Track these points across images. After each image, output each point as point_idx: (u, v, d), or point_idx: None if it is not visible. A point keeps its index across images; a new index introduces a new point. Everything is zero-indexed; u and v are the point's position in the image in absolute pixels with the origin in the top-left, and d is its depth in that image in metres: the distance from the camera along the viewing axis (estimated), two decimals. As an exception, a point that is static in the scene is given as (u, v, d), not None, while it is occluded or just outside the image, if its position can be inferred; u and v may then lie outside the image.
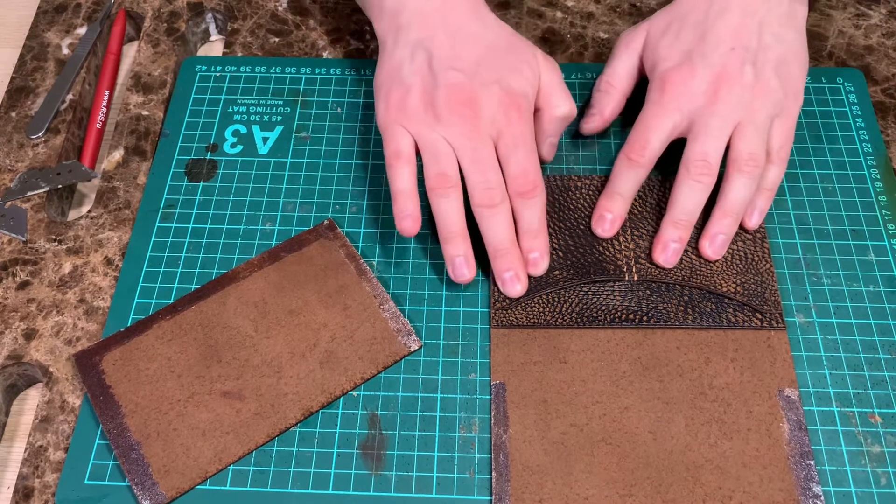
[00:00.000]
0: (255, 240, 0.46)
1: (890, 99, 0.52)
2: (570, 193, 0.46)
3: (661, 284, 0.43)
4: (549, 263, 0.43)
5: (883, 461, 0.39)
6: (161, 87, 0.53)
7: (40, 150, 0.50)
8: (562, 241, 0.44)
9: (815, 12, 0.56)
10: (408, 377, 0.42)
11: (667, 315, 0.42)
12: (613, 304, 0.42)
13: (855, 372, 0.42)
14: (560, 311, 0.42)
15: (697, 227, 0.44)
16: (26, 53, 0.55)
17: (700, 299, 0.43)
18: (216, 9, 0.57)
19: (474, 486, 0.39)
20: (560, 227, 0.45)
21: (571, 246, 0.44)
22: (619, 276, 0.43)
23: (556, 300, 0.42)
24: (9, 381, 0.43)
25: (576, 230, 0.44)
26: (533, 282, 0.43)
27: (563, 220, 0.45)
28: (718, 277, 0.43)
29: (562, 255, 0.44)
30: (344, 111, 0.52)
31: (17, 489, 0.39)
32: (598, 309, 0.42)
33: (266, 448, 0.40)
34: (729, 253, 0.44)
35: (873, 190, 0.48)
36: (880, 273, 0.45)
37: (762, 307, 0.42)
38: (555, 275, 0.43)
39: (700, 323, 0.42)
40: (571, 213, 0.45)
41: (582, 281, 0.43)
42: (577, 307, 0.42)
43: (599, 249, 0.44)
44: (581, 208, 0.45)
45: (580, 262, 0.43)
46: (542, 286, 0.43)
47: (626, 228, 0.45)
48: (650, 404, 0.40)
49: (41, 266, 0.46)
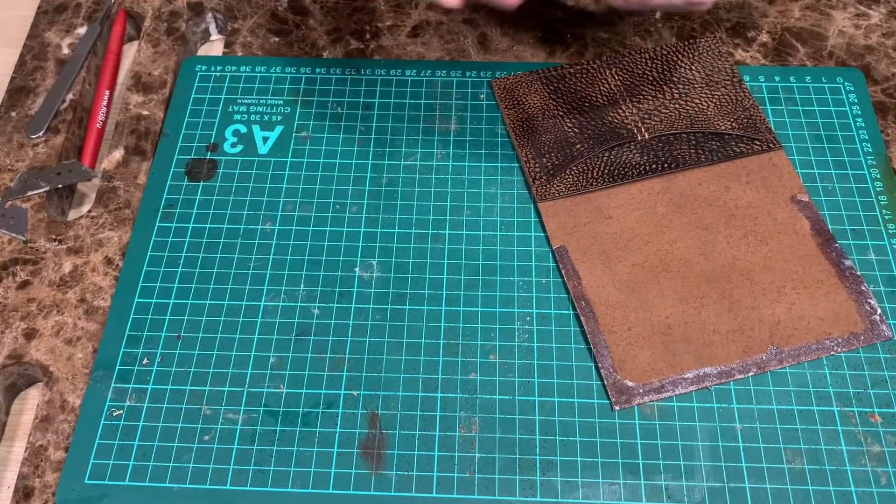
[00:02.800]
0: (255, 240, 0.46)
1: (890, 99, 0.52)
2: (567, 80, 0.52)
3: (669, 136, 0.49)
4: (572, 139, 0.48)
5: (883, 461, 0.39)
6: (161, 86, 0.53)
7: (40, 150, 0.50)
8: (574, 121, 0.50)
9: (816, 12, 0.56)
10: (408, 377, 0.42)
11: (682, 159, 0.48)
12: (634, 161, 0.48)
13: (855, 372, 0.42)
14: (592, 176, 0.48)
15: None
16: (26, 53, 0.55)
17: (705, 140, 0.49)
18: (216, 9, 0.57)
19: (474, 486, 0.39)
20: (569, 109, 0.50)
21: (584, 123, 0.50)
22: (632, 137, 0.49)
23: (586, 169, 0.48)
24: (9, 380, 0.43)
25: (583, 109, 0.50)
26: (563, 159, 0.48)
27: (568, 103, 0.51)
28: (715, 120, 0.49)
29: (578, 132, 0.49)
30: (344, 111, 0.52)
31: (18, 489, 0.39)
32: (624, 167, 0.48)
33: (266, 447, 0.40)
34: (716, 100, 0.50)
35: (873, 190, 0.48)
36: (880, 273, 0.45)
37: (757, 135, 0.49)
38: (578, 148, 0.48)
39: (711, 159, 0.48)
40: (574, 95, 0.51)
41: (602, 148, 0.48)
42: (606, 170, 0.48)
43: (609, 119, 0.50)
44: (580, 90, 0.51)
45: (596, 133, 0.49)
46: (570, 160, 0.48)
47: (626, 98, 0.50)
48: (692, 233, 0.45)
49: (41, 266, 0.46)
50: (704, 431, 0.40)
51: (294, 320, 0.44)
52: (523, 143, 0.49)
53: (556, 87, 0.51)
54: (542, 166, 0.48)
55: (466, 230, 0.47)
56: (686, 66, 0.52)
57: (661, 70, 0.52)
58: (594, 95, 0.51)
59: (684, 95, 0.50)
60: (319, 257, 0.46)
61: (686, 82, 0.51)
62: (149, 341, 0.43)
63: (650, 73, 0.52)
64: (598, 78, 0.51)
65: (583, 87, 0.51)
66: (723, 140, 0.49)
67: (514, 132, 0.49)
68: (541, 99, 0.50)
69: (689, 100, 0.50)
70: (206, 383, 0.42)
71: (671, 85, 0.51)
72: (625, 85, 0.51)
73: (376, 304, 0.44)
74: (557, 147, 0.48)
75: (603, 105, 0.50)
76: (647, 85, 0.51)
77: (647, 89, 0.51)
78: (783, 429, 0.40)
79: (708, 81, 0.51)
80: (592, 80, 0.51)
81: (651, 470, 0.39)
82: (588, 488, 0.39)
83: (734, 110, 0.50)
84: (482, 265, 0.45)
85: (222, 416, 0.41)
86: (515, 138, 0.49)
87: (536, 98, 0.51)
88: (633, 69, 0.52)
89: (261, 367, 0.42)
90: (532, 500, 0.39)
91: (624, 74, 0.52)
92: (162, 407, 0.41)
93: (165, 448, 0.40)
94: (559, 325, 0.43)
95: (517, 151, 0.49)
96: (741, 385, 0.41)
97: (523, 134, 0.49)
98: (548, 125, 0.49)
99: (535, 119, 0.50)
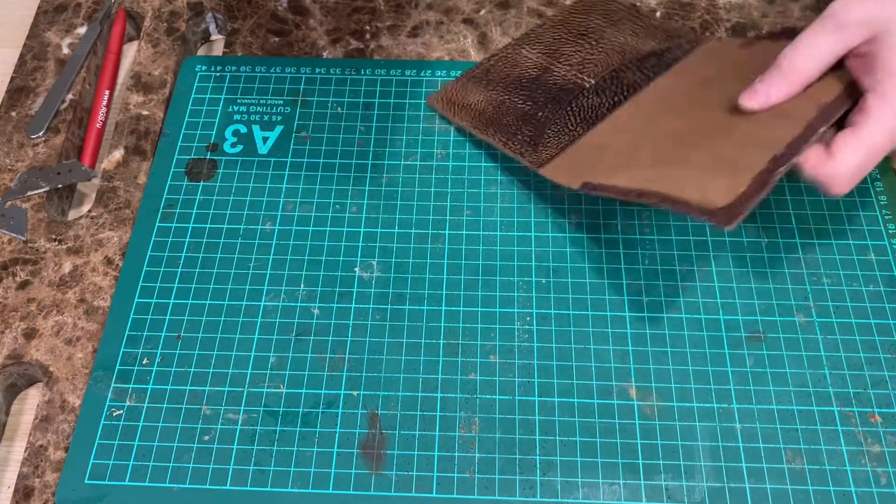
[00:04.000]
0: (255, 240, 0.46)
1: (890, 99, 0.51)
2: (493, 71, 0.53)
3: (611, 73, 0.51)
4: (532, 111, 0.50)
5: (883, 461, 0.39)
6: (161, 86, 0.53)
7: (40, 150, 0.50)
8: (523, 96, 0.51)
9: (816, 12, 0.56)
10: (408, 377, 0.42)
11: (635, 83, 0.49)
12: (596, 102, 0.49)
13: (855, 372, 0.42)
14: (568, 129, 0.48)
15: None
16: (26, 53, 0.55)
17: (642, 63, 0.51)
18: (216, 9, 0.57)
19: (474, 486, 0.39)
20: (512, 90, 0.51)
21: (533, 94, 0.51)
22: (581, 87, 0.51)
23: (559, 128, 0.48)
24: (9, 380, 0.43)
25: (524, 85, 0.52)
26: (535, 129, 0.49)
27: (507, 87, 0.51)
28: (639, 46, 0.52)
29: (532, 103, 0.50)
30: (344, 111, 0.52)
31: (18, 489, 0.39)
32: (590, 111, 0.49)
33: (266, 447, 0.40)
34: (628, 32, 0.53)
35: (873, 190, 0.48)
36: (880, 273, 0.45)
37: (683, 38, 0.52)
38: (541, 116, 0.49)
39: (660, 71, 0.50)
40: (508, 79, 0.52)
41: (563, 106, 0.50)
42: (576, 120, 0.48)
43: (552, 83, 0.51)
44: (510, 73, 0.52)
45: (549, 97, 0.50)
46: (542, 126, 0.49)
47: (553, 62, 0.52)
48: (693, 114, 0.45)
49: (41, 266, 0.46)
50: (704, 431, 0.40)
51: (294, 320, 0.44)
52: (491, 133, 0.49)
53: (488, 80, 0.52)
54: (521, 142, 0.48)
55: (466, 230, 0.47)
56: (584, 19, 0.55)
57: (566, 32, 0.54)
58: (526, 72, 0.52)
59: (600, 41, 0.53)
60: (319, 257, 0.46)
61: (594, 31, 0.54)
62: (149, 341, 0.43)
63: (559, 37, 0.54)
64: (518, 59, 0.53)
65: (511, 70, 0.53)
66: (658, 56, 0.51)
67: (477, 130, 0.50)
68: (481, 94, 0.51)
69: (605, 42, 0.53)
70: (206, 383, 0.42)
71: (583, 38, 0.53)
72: (544, 54, 0.53)
73: (376, 304, 0.44)
74: (524, 122, 0.49)
75: (539, 75, 0.52)
76: (564, 46, 0.53)
77: (567, 49, 0.53)
78: (783, 429, 0.40)
79: (610, 22, 0.54)
80: (514, 62, 0.53)
81: (651, 470, 0.39)
82: (588, 488, 0.39)
83: (648, 32, 0.53)
84: (482, 265, 0.45)
85: (222, 416, 0.41)
86: (482, 133, 0.49)
87: (476, 96, 0.51)
88: (542, 40, 0.54)
89: (261, 367, 0.42)
90: (532, 501, 0.39)
91: (538, 47, 0.54)
92: (162, 407, 0.41)
93: (165, 448, 0.40)
94: (559, 325, 0.43)
95: (492, 142, 0.49)
96: (741, 385, 0.41)
97: (486, 127, 0.50)
98: (503, 110, 0.50)
99: (487, 112, 0.50)
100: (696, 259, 0.45)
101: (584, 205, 0.47)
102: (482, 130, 0.49)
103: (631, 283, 0.45)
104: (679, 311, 0.44)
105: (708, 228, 0.46)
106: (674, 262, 0.45)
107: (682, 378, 0.42)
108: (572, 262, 0.45)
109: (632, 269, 0.45)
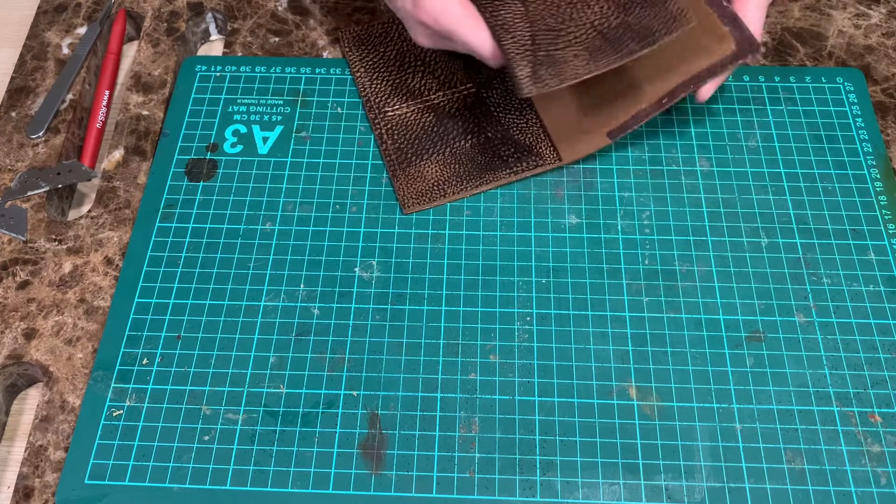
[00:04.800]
0: (255, 240, 0.46)
1: (890, 99, 0.52)
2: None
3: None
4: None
5: (883, 461, 0.39)
6: (161, 86, 0.53)
7: (40, 150, 0.50)
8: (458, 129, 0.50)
9: (816, 12, 0.56)
10: (408, 377, 0.42)
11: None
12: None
13: (855, 372, 0.42)
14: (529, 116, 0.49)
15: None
16: (26, 53, 0.55)
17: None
18: (216, 9, 0.57)
19: (474, 486, 0.39)
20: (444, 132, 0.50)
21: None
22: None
23: (525, 120, 0.49)
24: (9, 380, 0.43)
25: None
26: (513, 147, 0.49)
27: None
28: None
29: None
30: (344, 111, 0.52)
31: (18, 489, 0.39)
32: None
33: (266, 448, 0.40)
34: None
35: (873, 190, 0.48)
36: (880, 273, 0.45)
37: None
38: (490, 135, 0.49)
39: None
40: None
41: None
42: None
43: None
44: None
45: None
46: (507, 138, 0.49)
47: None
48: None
49: (41, 266, 0.46)
50: (704, 431, 0.40)
51: (294, 320, 0.44)
52: (488, 180, 0.48)
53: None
54: (517, 160, 0.48)
55: (466, 230, 0.47)
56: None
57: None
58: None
59: None
60: (319, 257, 0.46)
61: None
62: (149, 341, 0.43)
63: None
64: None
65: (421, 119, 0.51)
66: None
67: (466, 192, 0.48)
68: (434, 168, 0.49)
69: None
70: (206, 383, 0.42)
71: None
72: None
73: (376, 304, 0.44)
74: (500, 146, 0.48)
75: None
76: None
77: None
78: (783, 429, 0.40)
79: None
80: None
81: (651, 470, 0.39)
82: (588, 488, 0.39)
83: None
84: (482, 265, 0.45)
85: (222, 416, 0.41)
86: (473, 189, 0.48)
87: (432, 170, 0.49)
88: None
89: (261, 367, 0.42)
90: (532, 501, 0.39)
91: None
92: (162, 407, 0.41)
93: (165, 448, 0.40)
94: (559, 325, 0.43)
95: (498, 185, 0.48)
96: (741, 385, 0.41)
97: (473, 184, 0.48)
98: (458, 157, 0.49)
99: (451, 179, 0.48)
100: (696, 259, 0.45)
101: (584, 205, 0.47)
102: (471, 189, 0.48)
103: (631, 283, 0.45)
104: (679, 311, 0.44)
105: (708, 228, 0.46)
106: (674, 262, 0.45)
107: (682, 378, 0.42)
108: (572, 262, 0.45)
109: (632, 269, 0.45)
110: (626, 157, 0.49)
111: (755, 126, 0.50)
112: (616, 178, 0.48)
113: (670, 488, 0.39)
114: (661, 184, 0.48)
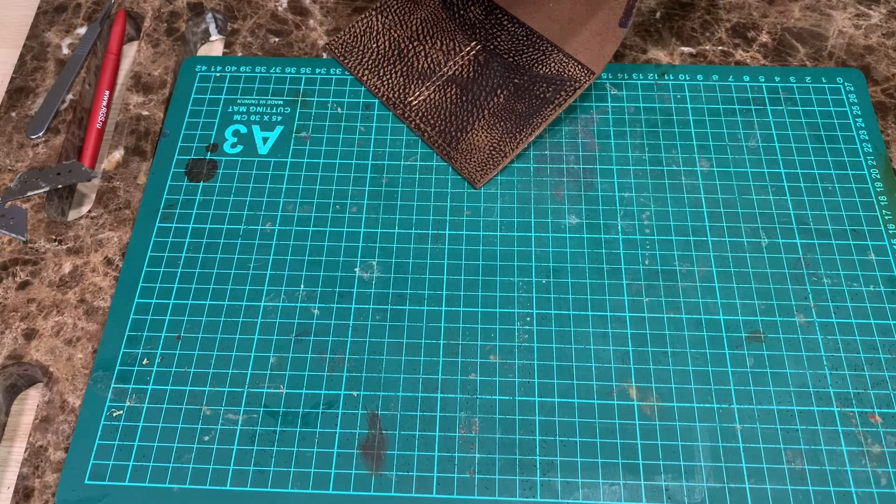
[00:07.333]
0: (255, 240, 0.46)
1: (890, 99, 0.52)
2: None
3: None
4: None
5: (883, 461, 0.39)
6: (161, 87, 0.53)
7: (40, 150, 0.50)
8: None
9: (815, 12, 0.56)
10: (408, 377, 0.42)
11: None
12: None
13: (855, 372, 0.42)
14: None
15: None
16: (26, 53, 0.55)
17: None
18: (216, 9, 0.57)
19: (474, 486, 0.39)
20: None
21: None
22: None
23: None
24: (9, 381, 0.43)
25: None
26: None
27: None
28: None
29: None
30: (344, 111, 0.52)
31: (18, 489, 0.39)
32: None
33: (266, 448, 0.40)
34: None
35: (873, 190, 0.48)
36: (880, 273, 0.45)
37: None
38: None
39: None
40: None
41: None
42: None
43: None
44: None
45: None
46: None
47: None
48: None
49: (41, 266, 0.46)
50: (704, 432, 0.40)
51: (294, 320, 0.44)
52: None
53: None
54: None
55: (466, 230, 0.47)
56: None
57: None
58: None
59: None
60: (319, 257, 0.46)
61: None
62: (149, 341, 0.43)
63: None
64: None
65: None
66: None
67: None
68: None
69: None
70: (206, 384, 0.42)
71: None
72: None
73: (376, 304, 0.44)
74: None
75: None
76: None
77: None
78: (783, 429, 0.40)
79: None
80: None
81: (651, 470, 0.39)
82: (588, 489, 0.39)
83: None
84: (482, 265, 0.45)
85: (222, 416, 0.41)
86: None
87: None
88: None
89: (261, 367, 0.42)
90: (532, 501, 0.39)
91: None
92: (162, 407, 0.41)
93: (165, 448, 0.40)
94: (559, 325, 0.43)
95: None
96: (741, 385, 0.41)
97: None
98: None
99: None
100: (696, 259, 0.45)
101: (584, 205, 0.47)
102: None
103: (631, 283, 0.45)
104: (679, 312, 0.44)
105: (708, 229, 0.46)
106: (674, 262, 0.45)
107: (682, 378, 0.42)
108: (572, 262, 0.45)
109: (632, 269, 0.45)
110: (626, 157, 0.49)
111: (755, 126, 0.50)
112: (616, 178, 0.48)
113: (670, 489, 0.39)
114: (661, 184, 0.48)
